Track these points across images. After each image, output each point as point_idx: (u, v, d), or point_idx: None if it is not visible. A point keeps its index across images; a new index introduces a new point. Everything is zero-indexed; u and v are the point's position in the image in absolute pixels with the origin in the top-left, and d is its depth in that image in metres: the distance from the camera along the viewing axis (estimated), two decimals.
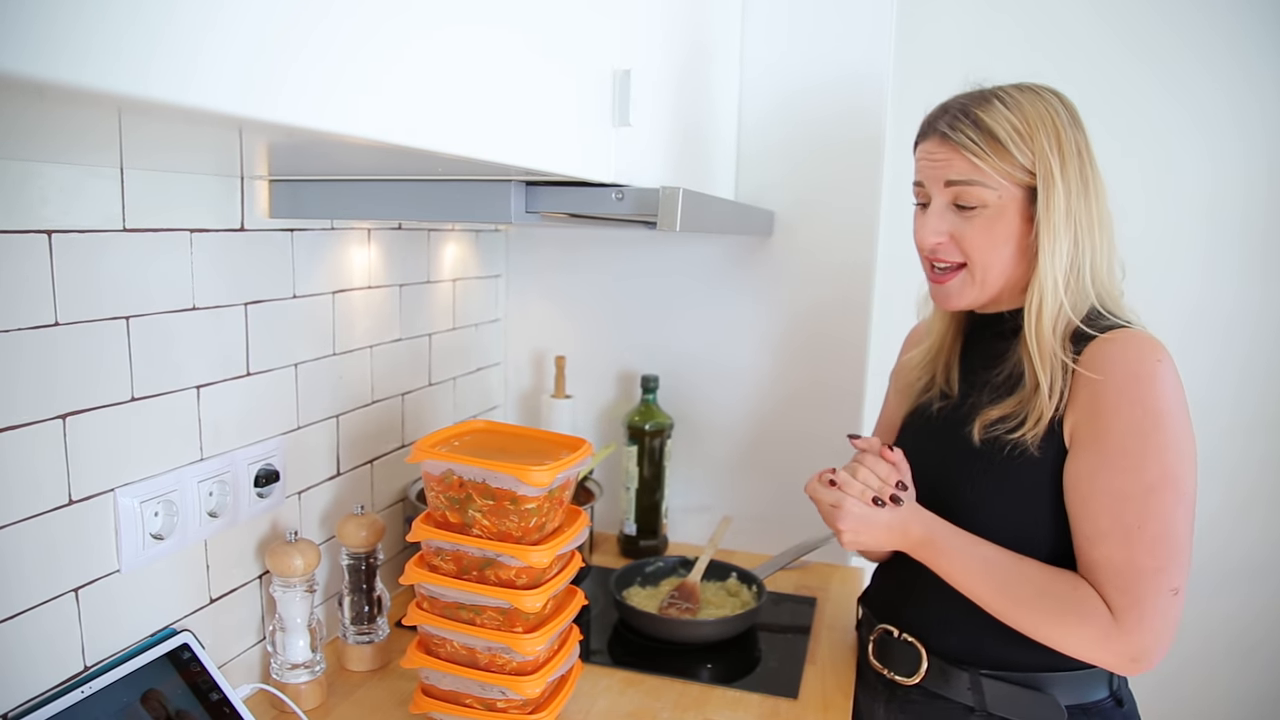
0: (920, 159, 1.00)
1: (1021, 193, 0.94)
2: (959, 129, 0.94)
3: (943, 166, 0.96)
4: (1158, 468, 0.88)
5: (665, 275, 1.61)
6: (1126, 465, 0.88)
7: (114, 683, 0.80)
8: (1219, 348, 1.57)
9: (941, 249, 0.98)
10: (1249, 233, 1.56)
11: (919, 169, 1.00)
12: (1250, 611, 1.62)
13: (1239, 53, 1.52)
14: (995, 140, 0.93)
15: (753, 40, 1.50)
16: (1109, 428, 0.89)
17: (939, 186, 0.97)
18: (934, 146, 0.97)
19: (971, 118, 0.94)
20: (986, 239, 0.95)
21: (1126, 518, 0.88)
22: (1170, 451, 0.88)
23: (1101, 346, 0.92)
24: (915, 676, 1.03)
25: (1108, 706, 0.97)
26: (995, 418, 0.97)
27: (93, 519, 0.84)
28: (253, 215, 1.02)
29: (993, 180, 0.93)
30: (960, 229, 0.97)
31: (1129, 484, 0.88)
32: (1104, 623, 0.88)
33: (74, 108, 0.48)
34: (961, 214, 0.96)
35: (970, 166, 0.94)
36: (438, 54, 0.58)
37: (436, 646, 0.99)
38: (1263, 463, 1.61)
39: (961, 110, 0.96)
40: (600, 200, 0.90)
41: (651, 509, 1.57)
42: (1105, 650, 0.89)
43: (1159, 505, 0.87)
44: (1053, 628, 0.91)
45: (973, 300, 1.00)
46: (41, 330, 0.77)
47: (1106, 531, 0.89)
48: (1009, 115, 0.93)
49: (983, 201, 0.94)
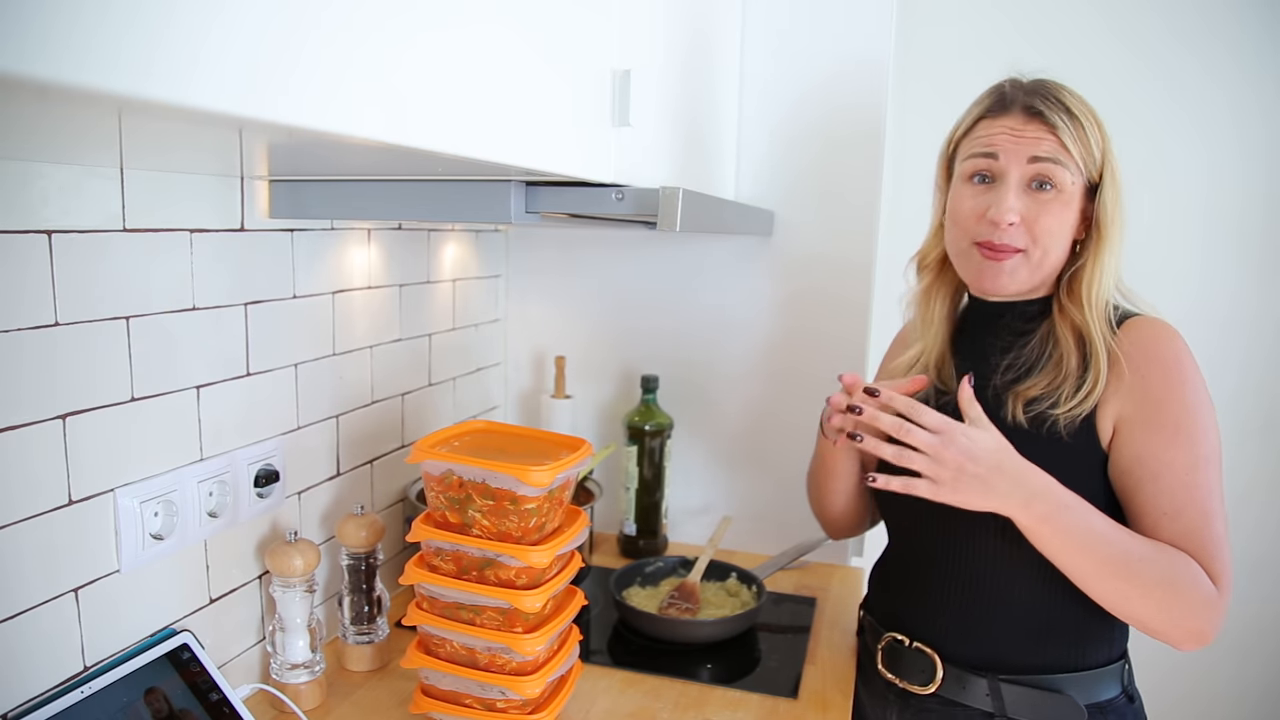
0: (999, 132, 0.95)
1: (1084, 183, 0.95)
2: (1051, 105, 0.93)
3: (1030, 143, 0.93)
4: (1214, 439, 0.92)
5: (665, 275, 1.61)
6: (1189, 442, 0.90)
7: (114, 683, 0.80)
8: (1216, 347, 1.57)
9: (1012, 231, 0.95)
10: (1246, 232, 1.56)
11: (994, 141, 0.95)
12: (1248, 606, 1.62)
13: (1238, 53, 1.52)
14: (1080, 126, 0.93)
15: (753, 40, 1.50)
16: (1165, 410, 0.91)
17: (1019, 162, 0.94)
18: (1019, 121, 0.94)
19: (1060, 98, 0.94)
20: (1057, 223, 0.94)
21: (1199, 490, 0.90)
22: (1213, 427, 0.92)
23: (1131, 334, 0.94)
24: (931, 685, 1.01)
25: (1121, 704, 0.97)
26: (1033, 395, 0.95)
27: (93, 519, 0.84)
28: (253, 215, 1.02)
29: (1073, 165, 0.93)
30: (1034, 211, 0.94)
31: (1192, 458, 0.90)
32: (1209, 589, 0.88)
33: (74, 108, 0.48)
34: (1036, 196, 0.94)
35: (1059, 146, 0.92)
36: (438, 54, 0.58)
37: (436, 646, 0.99)
38: (1259, 461, 1.61)
39: (1046, 90, 0.95)
40: (600, 200, 0.90)
41: (651, 509, 1.57)
42: (1211, 617, 0.88)
43: (1216, 477, 0.91)
44: (1172, 600, 0.87)
45: (1022, 285, 0.97)
46: (41, 330, 0.77)
47: (1185, 505, 0.90)
48: (1083, 105, 0.94)
49: (1062, 185, 0.93)
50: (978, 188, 0.97)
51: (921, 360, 1.08)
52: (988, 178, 0.97)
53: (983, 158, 0.96)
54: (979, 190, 0.97)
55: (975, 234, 0.97)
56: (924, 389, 0.98)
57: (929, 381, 1.02)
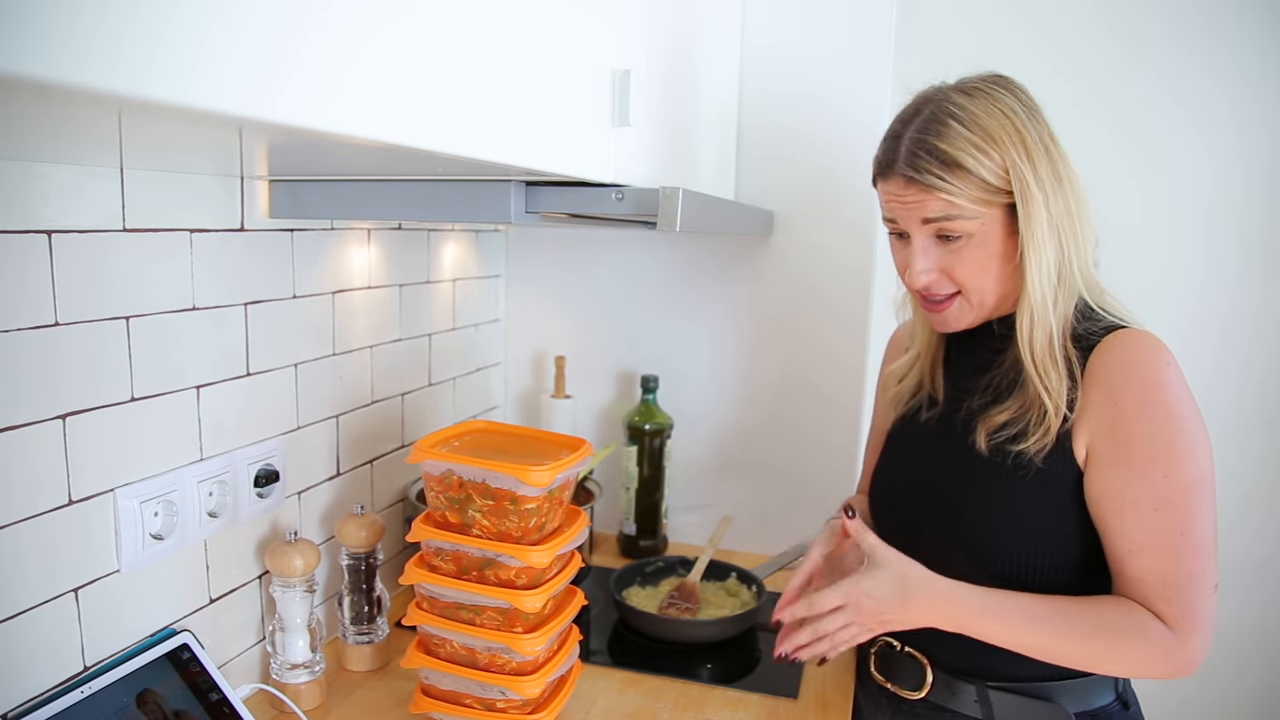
0: (888, 200, 0.93)
1: (1001, 210, 0.89)
2: (922, 167, 0.87)
3: (915, 207, 0.90)
4: (1192, 470, 0.86)
5: (665, 275, 1.61)
6: (1160, 474, 0.85)
7: (114, 683, 0.80)
8: (1217, 348, 1.57)
9: (934, 284, 0.93)
10: (1247, 232, 1.56)
11: (888, 208, 0.94)
12: (1249, 611, 1.62)
13: (1238, 53, 1.52)
14: (963, 169, 0.86)
15: (753, 40, 1.50)
16: (1135, 438, 0.86)
17: (916, 225, 0.91)
18: (900, 188, 0.91)
19: (931, 150, 0.87)
20: (977, 265, 0.91)
21: (1168, 527, 0.85)
22: (1199, 450, 0.86)
23: (1107, 352, 0.89)
24: (921, 691, 1.01)
25: (1115, 710, 0.97)
26: (1000, 423, 0.94)
27: (93, 519, 0.84)
28: (253, 215, 1.02)
29: (970, 210, 0.88)
30: (948, 262, 0.91)
31: (1166, 493, 0.85)
32: (1163, 637, 0.86)
33: (75, 108, 0.48)
34: (946, 245, 0.91)
35: (945, 204, 0.88)
36: (437, 54, 0.58)
37: (436, 646, 0.99)
38: (1260, 463, 1.61)
39: (918, 144, 0.88)
40: (600, 200, 0.90)
41: (651, 509, 1.57)
42: (1167, 663, 0.86)
43: (1198, 507, 0.86)
44: (1117, 658, 0.88)
45: (972, 321, 0.97)
46: (41, 330, 0.77)
47: (1149, 544, 0.86)
48: (968, 134, 0.87)
49: (966, 231, 0.89)
50: (898, 241, 0.97)
51: (918, 365, 1.08)
52: (900, 233, 0.96)
53: (887, 220, 0.96)
54: (899, 245, 0.97)
55: (909, 285, 0.97)
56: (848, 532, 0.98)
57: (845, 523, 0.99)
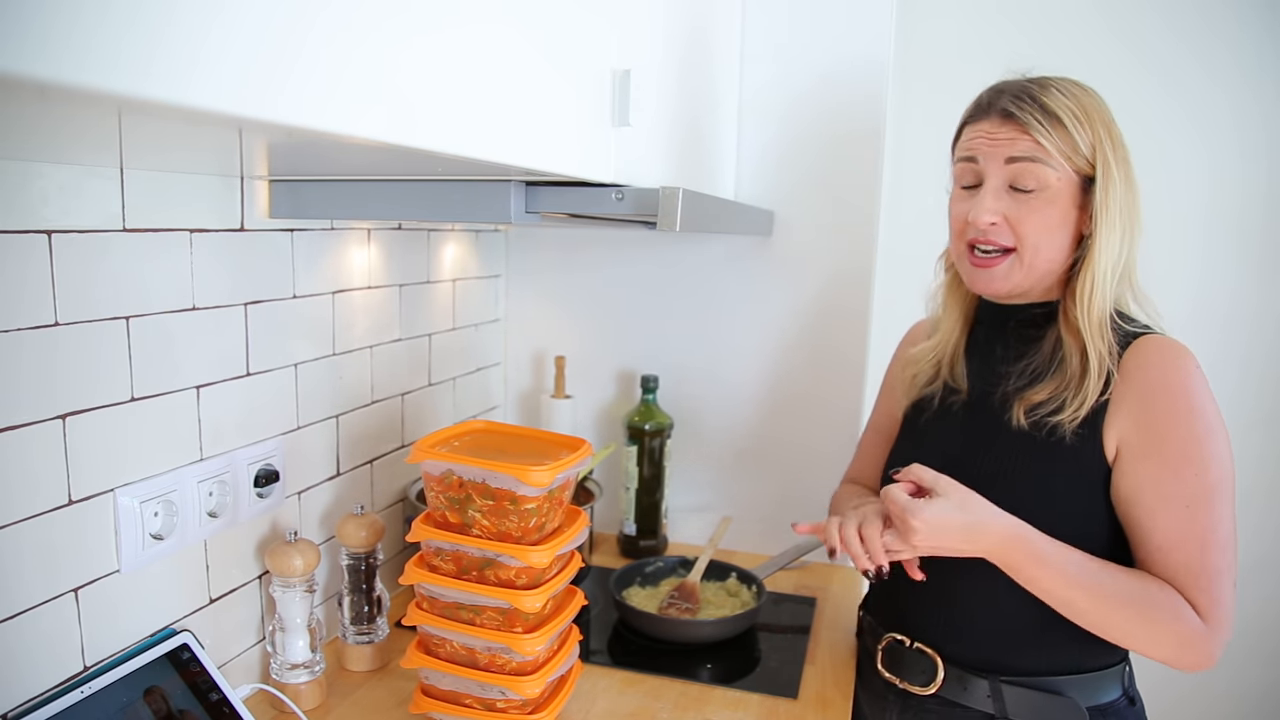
0: (975, 137, 0.97)
1: (1077, 180, 0.93)
2: (1024, 108, 0.93)
3: (1005, 145, 0.94)
4: (1218, 470, 0.90)
5: (665, 275, 1.61)
6: (1192, 473, 0.89)
7: (114, 683, 0.80)
8: (1216, 345, 1.57)
9: (994, 230, 0.96)
10: (1246, 230, 1.56)
11: (973, 146, 0.97)
12: (1248, 607, 1.62)
13: (1237, 51, 1.52)
14: (1059, 122, 0.92)
15: (753, 40, 1.50)
16: (1167, 438, 0.90)
17: (997, 164, 0.95)
18: (995, 125, 0.95)
19: (1035, 99, 0.93)
20: (1042, 222, 0.94)
21: (1201, 523, 0.89)
22: (1225, 451, 0.91)
23: (1141, 354, 0.92)
24: (932, 686, 1.02)
25: (1121, 706, 0.97)
26: (1038, 400, 0.96)
27: (92, 519, 0.84)
28: (253, 215, 1.02)
29: (1055, 161, 0.92)
30: (1015, 211, 0.94)
31: (1197, 490, 0.89)
32: (1196, 624, 0.88)
33: (74, 108, 0.48)
34: (1017, 196, 0.95)
35: (1035, 145, 0.92)
36: (438, 54, 0.58)
37: (436, 646, 0.99)
38: (1260, 459, 1.61)
39: (1024, 92, 0.94)
40: (600, 200, 0.90)
41: (651, 509, 1.57)
42: (1194, 651, 0.89)
43: (1223, 507, 0.90)
44: (1148, 635, 0.90)
45: (1016, 285, 0.98)
46: (41, 330, 0.77)
47: (1181, 539, 0.89)
48: (1068, 103, 0.93)
49: (1043, 182, 0.93)
50: (965, 193, 1.00)
51: (936, 352, 1.10)
52: (970, 184, 0.99)
53: (966, 162, 0.99)
54: (965, 196, 0.99)
55: (965, 236, 0.99)
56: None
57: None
